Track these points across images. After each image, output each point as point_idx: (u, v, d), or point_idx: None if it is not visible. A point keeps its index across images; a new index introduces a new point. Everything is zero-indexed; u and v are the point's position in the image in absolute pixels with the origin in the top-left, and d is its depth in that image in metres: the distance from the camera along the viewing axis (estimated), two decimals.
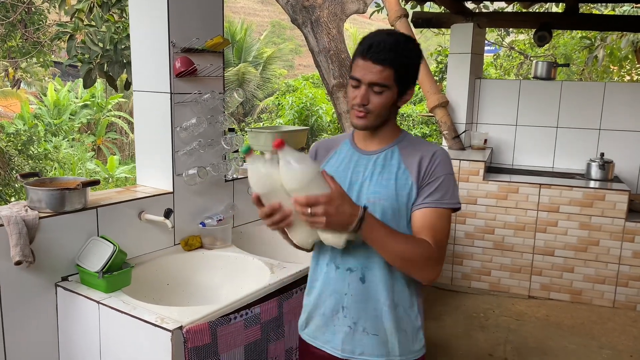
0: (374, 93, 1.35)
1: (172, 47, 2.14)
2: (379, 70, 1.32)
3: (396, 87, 1.36)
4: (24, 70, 14.05)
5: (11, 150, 9.66)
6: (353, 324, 1.44)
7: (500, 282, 4.16)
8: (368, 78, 1.34)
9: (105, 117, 16.26)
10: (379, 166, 1.42)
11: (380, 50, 1.32)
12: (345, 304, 1.44)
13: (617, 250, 3.85)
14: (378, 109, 1.37)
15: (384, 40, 1.32)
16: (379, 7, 6.71)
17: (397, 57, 1.33)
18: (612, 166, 4.21)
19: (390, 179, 1.40)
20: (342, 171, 1.46)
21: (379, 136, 1.45)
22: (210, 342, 1.61)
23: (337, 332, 1.46)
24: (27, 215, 1.75)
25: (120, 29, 3.96)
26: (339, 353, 1.46)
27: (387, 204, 1.38)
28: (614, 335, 3.51)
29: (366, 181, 1.42)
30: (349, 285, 1.43)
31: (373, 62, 1.32)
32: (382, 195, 1.38)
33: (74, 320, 1.83)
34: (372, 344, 1.45)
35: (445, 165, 1.41)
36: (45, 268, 1.82)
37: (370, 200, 1.39)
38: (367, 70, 1.34)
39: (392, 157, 1.43)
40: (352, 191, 1.41)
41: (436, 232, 1.36)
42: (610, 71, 8.77)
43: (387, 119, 1.43)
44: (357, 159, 1.46)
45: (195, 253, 2.24)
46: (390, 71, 1.33)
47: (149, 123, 2.29)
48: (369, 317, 1.43)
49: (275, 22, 26.75)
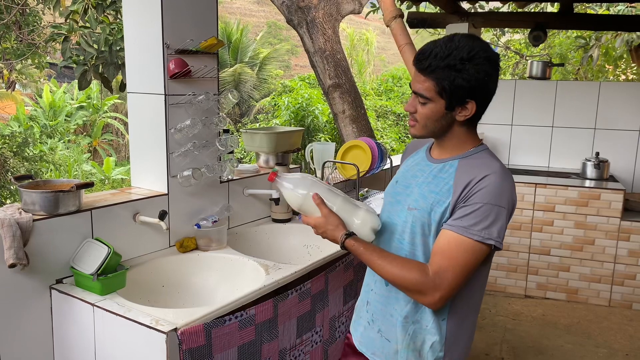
0: (420, 103, 1.33)
1: (166, 49, 2.13)
2: (422, 80, 1.30)
3: (441, 99, 1.30)
4: (19, 71, 14.02)
5: (6, 153, 9.63)
6: (372, 320, 1.47)
7: (496, 281, 4.17)
8: (414, 87, 1.33)
9: (101, 118, 16.23)
10: (433, 177, 1.37)
11: (424, 59, 1.28)
12: (370, 298, 1.49)
13: (612, 249, 3.86)
14: (423, 120, 1.34)
15: (435, 49, 1.27)
16: (375, 7, 6.72)
17: (442, 70, 1.26)
18: (608, 165, 4.22)
19: (434, 193, 1.34)
20: (407, 171, 1.48)
21: (443, 147, 1.40)
22: (205, 343, 1.61)
23: (360, 324, 1.53)
24: (20, 217, 1.74)
25: (115, 31, 3.96)
26: (357, 345, 1.53)
27: (419, 215, 1.35)
28: (610, 334, 3.52)
29: (415, 188, 1.40)
30: (375, 282, 1.47)
31: (418, 71, 1.31)
32: (419, 206, 1.35)
33: (69, 323, 1.83)
34: (384, 347, 1.44)
35: (492, 193, 1.26)
36: (39, 270, 1.81)
37: (411, 207, 1.37)
38: (415, 78, 1.32)
39: (448, 171, 1.35)
40: (404, 195, 1.43)
41: (444, 260, 1.26)
42: (606, 70, 8.80)
43: (446, 132, 1.37)
44: (422, 164, 1.44)
45: (191, 255, 2.24)
46: (432, 83, 1.28)
47: (143, 125, 2.29)
48: (386, 320, 1.43)
49: (271, 23, 26.74)
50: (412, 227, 1.36)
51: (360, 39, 22.29)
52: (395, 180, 1.50)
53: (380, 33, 25.54)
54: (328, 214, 1.37)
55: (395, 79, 17.20)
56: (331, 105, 6.11)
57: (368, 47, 22.45)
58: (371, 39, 22.69)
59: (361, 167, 3.04)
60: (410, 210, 1.36)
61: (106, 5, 4.01)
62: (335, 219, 1.38)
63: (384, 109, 14.77)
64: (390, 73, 18.43)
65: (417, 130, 1.38)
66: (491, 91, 1.34)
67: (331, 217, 1.38)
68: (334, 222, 1.37)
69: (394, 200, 1.46)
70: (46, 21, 8.25)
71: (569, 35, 8.76)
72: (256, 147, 2.88)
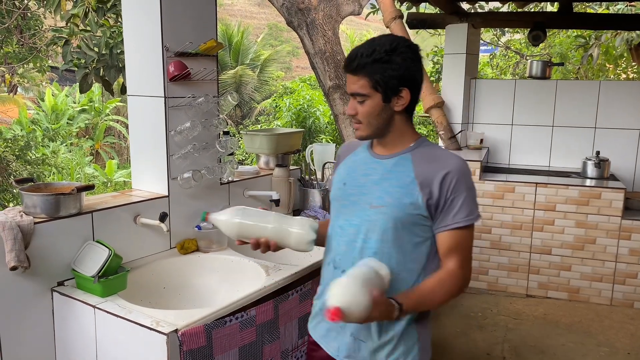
0: (358, 103, 1.40)
1: (165, 51, 2.15)
2: (355, 80, 1.38)
3: (377, 93, 1.38)
4: (20, 75, 14.06)
5: (9, 156, 9.66)
6: (342, 326, 1.44)
7: (497, 281, 4.17)
8: (350, 89, 1.40)
9: (103, 121, 16.26)
10: (388, 172, 1.42)
11: (352, 60, 1.37)
12: None
13: (613, 248, 3.86)
14: (366, 118, 1.40)
15: (360, 51, 1.37)
16: (375, 8, 6.73)
17: (370, 65, 1.35)
18: (608, 164, 4.22)
19: (398, 187, 1.39)
20: (353, 172, 1.50)
21: (389, 142, 1.46)
22: (206, 344, 1.62)
23: (337, 335, 1.48)
24: (22, 220, 1.76)
25: (116, 34, 3.97)
26: (334, 353, 1.48)
27: (388, 211, 1.38)
28: (611, 332, 3.52)
29: (374, 186, 1.43)
30: None
31: (350, 73, 1.39)
32: (385, 202, 1.39)
33: (70, 325, 1.84)
34: (360, 349, 1.44)
35: (465, 180, 1.39)
36: (40, 273, 1.82)
37: (375, 205, 1.40)
38: (349, 82, 1.40)
39: (404, 164, 1.41)
40: (360, 195, 1.44)
41: (462, 251, 1.39)
42: (606, 69, 8.79)
43: (388, 125, 1.43)
44: (370, 162, 1.48)
45: (191, 256, 2.25)
46: (365, 79, 1.37)
47: (143, 127, 2.30)
48: (365, 328, 1.42)
49: (272, 25, 26.77)
50: (383, 224, 1.38)
51: (360, 40, 22.30)
52: (342, 182, 1.50)
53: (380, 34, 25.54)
54: (377, 299, 1.23)
55: None
56: (332, 107, 6.12)
57: None
58: None
59: None
60: (375, 208, 1.39)
61: (106, 9, 4.02)
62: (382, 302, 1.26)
63: None
64: None
65: (363, 131, 1.43)
66: (420, 78, 1.42)
67: (379, 301, 1.25)
68: (382, 304, 1.26)
69: (349, 202, 1.47)
70: (47, 25, 8.28)
71: (569, 35, 8.76)
72: (256, 149, 2.89)
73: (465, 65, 4.80)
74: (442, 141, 4.84)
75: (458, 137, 4.79)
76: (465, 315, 3.77)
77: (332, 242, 1.51)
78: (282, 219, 1.53)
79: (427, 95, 4.75)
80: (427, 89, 4.75)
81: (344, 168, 1.55)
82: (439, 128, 4.79)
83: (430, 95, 4.74)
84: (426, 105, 4.77)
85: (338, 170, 1.58)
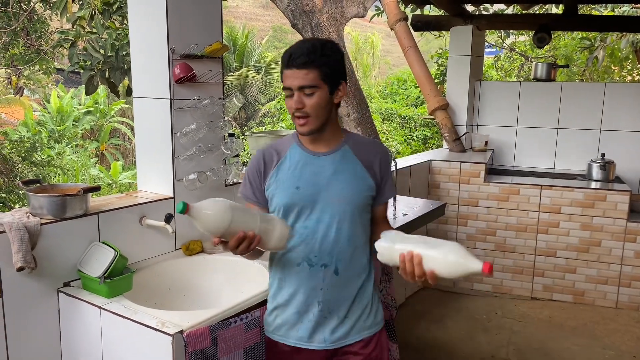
0: (306, 96, 1.47)
1: (171, 54, 2.16)
2: (304, 73, 1.45)
3: (325, 85, 1.48)
4: (26, 77, 14.14)
5: (15, 157, 9.71)
6: (327, 315, 1.56)
7: (502, 283, 4.16)
8: (297, 83, 1.46)
9: (109, 123, 16.32)
10: (338, 165, 1.55)
11: (300, 56, 1.45)
12: (320, 298, 1.55)
13: (619, 250, 3.85)
14: (315, 110, 1.48)
15: (301, 47, 1.46)
16: (379, 10, 6.73)
17: (317, 58, 1.45)
18: (613, 167, 4.21)
19: (354, 177, 1.56)
20: (298, 173, 1.54)
21: (325, 138, 1.57)
22: (211, 345, 1.62)
23: (314, 326, 1.56)
24: (28, 221, 1.77)
25: (122, 36, 3.99)
26: (321, 345, 1.57)
27: (353, 199, 1.54)
28: (617, 336, 3.51)
29: (332, 182, 1.53)
30: (323, 280, 1.54)
31: (297, 69, 1.45)
32: (348, 194, 1.53)
33: (76, 326, 1.85)
34: (345, 327, 1.58)
35: (389, 160, 1.66)
36: (47, 274, 1.83)
37: (340, 198, 1.52)
38: (294, 77, 1.46)
39: (348, 156, 1.57)
40: (319, 193, 1.52)
41: (387, 222, 1.69)
42: (611, 71, 8.76)
43: (328, 118, 1.53)
44: (312, 161, 1.55)
45: (196, 257, 2.26)
46: (315, 72, 1.46)
47: (149, 129, 2.31)
48: (342, 304, 1.57)
49: (276, 27, 26.82)
50: (351, 212, 1.54)
51: (365, 42, 22.30)
52: (294, 187, 1.53)
53: (385, 36, 25.54)
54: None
55: (401, 81, 17.19)
56: None
57: (373, 50, 22.45)
58: (376, 42, 22.70)
59: None
60: (341, 201, 1.53)
61: (112, 11, 4.04)
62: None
63: (389, 111, 14.75)
64: (395, 76, 18.42)
65: (312, 124, 1.50)
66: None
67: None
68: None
69: (309, 202, 1.53)
70: (53, 27, 8.33)
71: (574, 37, 8.74)
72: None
73: (470, 67, 4.80)
74: (447, 143, 4.83)
75: (463, 139, 4.79)
76: (470, 318, 3.76)
77: (298, 245, 1.53)
78: (262, 214, 1.45)
79: (431, 97, 4.75)
80: (432, 91, 4.75)
81: (284, 174, 1.55)
82: (443, 130, 4.79)
83: (434, 97, 4.73)
84: (431, 107, 4.77)
85: (275, 179, 1.55)
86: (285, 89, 1.49)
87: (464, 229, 4.20)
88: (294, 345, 1.59)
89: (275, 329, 1.63)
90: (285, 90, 1.50)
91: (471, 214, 4.16)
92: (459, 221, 4.21)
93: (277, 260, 1.61)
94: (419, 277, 1.33)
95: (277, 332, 1.62)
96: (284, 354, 1.62)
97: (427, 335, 3.49)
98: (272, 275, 1.65)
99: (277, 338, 1.62)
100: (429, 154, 4.63)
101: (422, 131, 13.89)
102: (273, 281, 1.64)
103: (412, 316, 3.76)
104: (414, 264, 1.33)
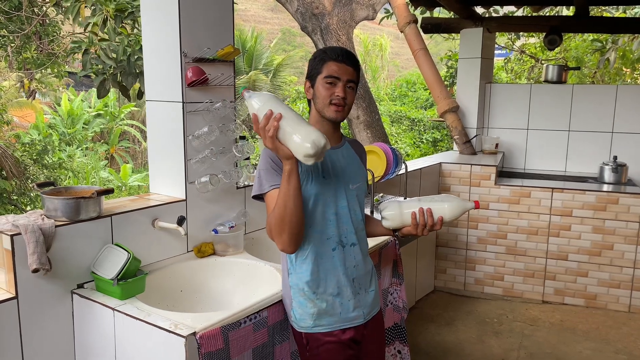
0: (349, 89, 1.69)
1: (183, 57, 2.17)
2: (352, 71, 1.69)
3: (357, 86, 1.73)
4: (38, 81, 14.27)
5: (26, 160, 9.81)
6: (358, 291, 1.75)
7: (513, 287, 4.14)
8: (347, 76, 1.67)
9: (118, 126, 16.45)
10: (347, 159, 1.77)
11: (350, 56, 1.69)
12: (355, 275, 1.74)
13: (632, 254, 3.81)
14: (350, 103, 1.70)
15: (345, 50, 1.71)
16: (389, 13, 6.73)
17: (358, 63, 1.73)
18: (626, 169, 4.17)
19: (358, 168, 1.80)
20: (320, 164, 1.68)
21: (337, 132, 1.77)
22: (223, 347, 1.63)
23: (353, 304, 1.72)
24: (43, 223, 1.79)
25: (133, 42, 4.03)
26: (360, 321, 1.74)
27: (362, 187, 1.80)
28: (630, 340, 3.48)
29: (347, 171, 1.74)
30: (355, 257, 1.74)
31: (347, 65, 1.67)
32: (358, 181, 1.77)
33: (90, 327, 1.86)
34: (374, 298, 1.81)
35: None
36: (61, 275, 1.85)
37: (353, 186, 1.75)
38: (345, 70, 1.67)
39: (350, 151, 1.81)
40: (340, 181, 1.71)
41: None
42: (623, 73, 8.69)
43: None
44: (333, 154, 1.72)
45: (208, 260, 2.27)
46: (356, 73, 1.71)
47: (161, 132, 2.33)
48: (367, 277, 1.80)
49: (285, 30, 26.91)
50: (360, 197, 1.79)
51: (374, 45, 22.31)
52: (322, 176, 1.69)
53: (394, 38, 25.53)
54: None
55: (410, 84, 17.17)
56: None
57: (382, 53, 22.45)
58: (385, 44, 22.69)
59: (376, 172, 3.05)
60: (354, 187, 1.75)
61: (124, 17, 4.08)
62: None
63: (398, 114, 14.74)
64: (405, 78, 18.40)
65: (345, 113, 1.70)
66: None
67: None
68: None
69: (334, 190, 1.71)
70: (65, 31, 8.41)
71: (585, 39, 8.68)
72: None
73: (480, 69, 4.79)
74: (457, 145, 4.82)
75: (473, 141, 4.78)
76: (480, 321, 3.74)
77: (328, 230, 1.69)
78: (299, 122, 1.52)
79: (441, 100, 4.74)
80: (442, 94, 4.74)
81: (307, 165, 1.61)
82: (453, 133, 4.78)
83: (444, 100, 4.72)
84: (441, 110, 4.76)
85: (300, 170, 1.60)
86: (329, 77, 1.65)
87: (475, 232, 4.18)
88: (340, 328, 1.71)
89: (315, 323, 1.70)
90: (328, 79, 1.65)
91: (482, 216, 4.15)
92: (469, 224, 4.19)
93: (310, 254, 1.68)
94: (430, 226, 1.69)
95: (320, 324, 1.70)
96: (331, 344, 1.70)
97: (437, 339, 3.48)
98: (302, 273, 1.69)
99: (320, 330, 1.70)
100: (439, 157, 4.61)
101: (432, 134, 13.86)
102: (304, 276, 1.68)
103: (422, 319, 3.75)
104: (427, 216, 1.69)
